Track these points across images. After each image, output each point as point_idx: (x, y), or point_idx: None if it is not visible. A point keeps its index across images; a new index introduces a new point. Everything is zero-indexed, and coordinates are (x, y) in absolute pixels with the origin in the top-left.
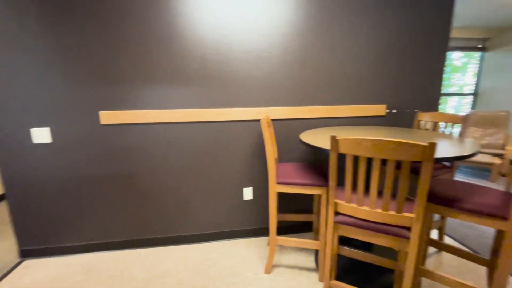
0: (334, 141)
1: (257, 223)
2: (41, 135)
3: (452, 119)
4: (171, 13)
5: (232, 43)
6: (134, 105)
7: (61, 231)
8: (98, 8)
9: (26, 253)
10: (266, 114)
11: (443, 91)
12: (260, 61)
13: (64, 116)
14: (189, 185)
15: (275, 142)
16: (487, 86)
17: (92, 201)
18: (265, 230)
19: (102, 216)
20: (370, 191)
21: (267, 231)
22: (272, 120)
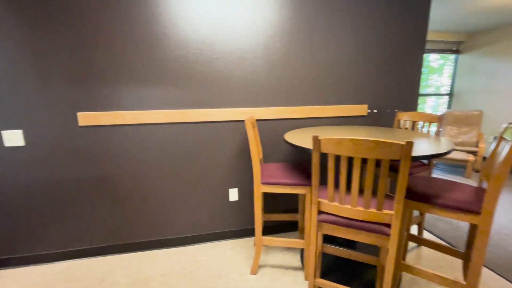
0: (316, 141)
1: (243, 224)
2: (13, 138)
3: (429, 119)
4: (152, 12)
5: (216, 43)
6: (114, 106)
7: (37, 238)
8: (75, 4)
9: None
10: (251, 115)
11: (421, 92)
12: (244, 62)
13: (39, 118)
14: (173, 187)
15: (260, 143)
16: (462, 87)
17: (70, 206)
18: (252, 231)
19: (81, 222)
20: (352, 190)
21: (254, 232)
22: (257, 121)
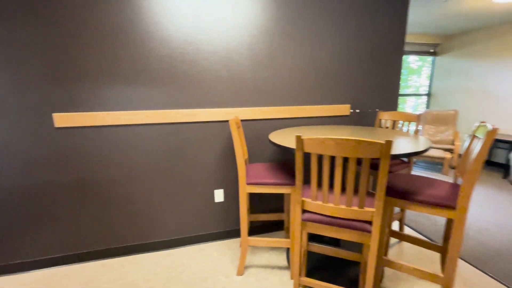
0: (299, 141)
1: (230, 225)
2: None
3: (409, 118)
4: (131, 9)
5: (200, 43)
6: (93, 107)
7: (13, 246)
8: None
9: None
10: (235, 115)
11: (402, 92)
12: (229, 62)
13: (10, 119)
14: (157, 190)
15: (245, 143)
16: (439, 87)
17: (48, 212)
18: (238, 232)
19: (59, 228)
20: (334, 188)
21: (240, 232)
22: (242, 121)
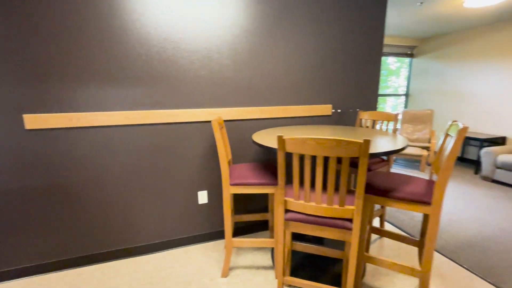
0: (281, 141)
1: (214, 227)
2: None
3: (387, 117)
4: (109, 4)
5: (180, 42)
6: (67, 107)
7: None
8: None
9: None
10: (218, 115)
11: (381, 92)
12: (210, 61)
13: None
14: (137, 193)
15: (228, 143)
16: (416, 88)
17: (19, 219)
18: (223, 233)
19: (33, 235)
20: (316, 188)
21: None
22: (225, 121)
